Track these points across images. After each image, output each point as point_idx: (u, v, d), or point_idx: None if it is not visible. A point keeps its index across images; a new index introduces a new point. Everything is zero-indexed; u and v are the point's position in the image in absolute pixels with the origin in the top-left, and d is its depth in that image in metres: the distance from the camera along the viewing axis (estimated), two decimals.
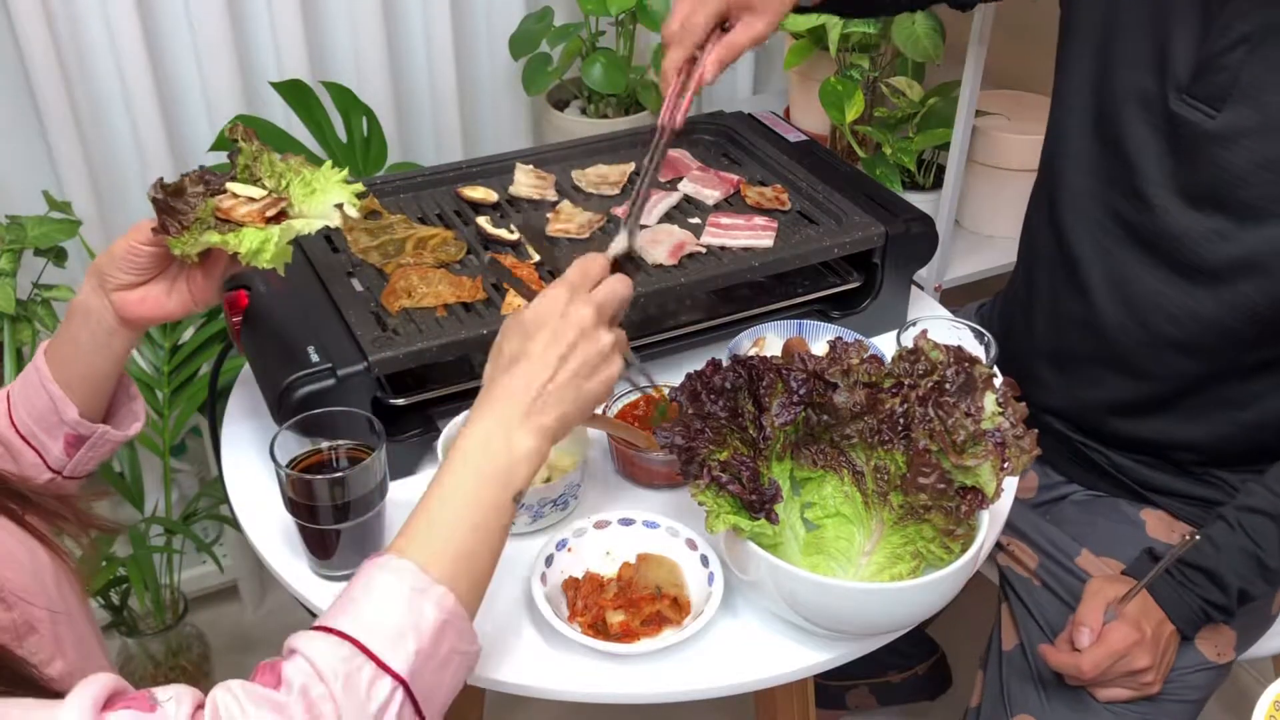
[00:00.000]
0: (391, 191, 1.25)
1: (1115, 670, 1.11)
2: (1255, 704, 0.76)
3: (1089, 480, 1.30)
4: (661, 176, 1.30)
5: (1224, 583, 1.09)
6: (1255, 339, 1.10)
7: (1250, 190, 1.04)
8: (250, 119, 1.63)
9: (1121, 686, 1.13)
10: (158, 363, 1.60)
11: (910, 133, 1.77)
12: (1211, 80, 1.04)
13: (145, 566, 1.57)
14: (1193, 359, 1.14)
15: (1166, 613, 1.12)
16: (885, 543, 0.91)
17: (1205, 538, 1.11)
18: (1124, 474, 1.26)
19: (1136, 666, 1.10)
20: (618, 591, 0.92)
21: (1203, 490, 1.22)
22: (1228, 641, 1.19)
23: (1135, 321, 1.16)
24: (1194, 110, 1.06)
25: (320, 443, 0.94)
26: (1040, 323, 1.28)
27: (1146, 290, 1.14)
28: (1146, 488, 1.25)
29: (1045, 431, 1.28)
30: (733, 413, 0.90)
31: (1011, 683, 1.22)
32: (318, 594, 0.94)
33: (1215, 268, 1.09)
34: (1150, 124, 1.10)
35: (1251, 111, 1.02)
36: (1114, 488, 1.28)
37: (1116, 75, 1.12)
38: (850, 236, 1.17)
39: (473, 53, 1.92)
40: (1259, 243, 1.05)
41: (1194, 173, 1.07)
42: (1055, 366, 1.27)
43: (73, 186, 1.63)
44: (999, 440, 0.87)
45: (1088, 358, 1.23)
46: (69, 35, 1.58)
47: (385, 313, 1.04)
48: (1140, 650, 1.10)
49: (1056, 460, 1.32)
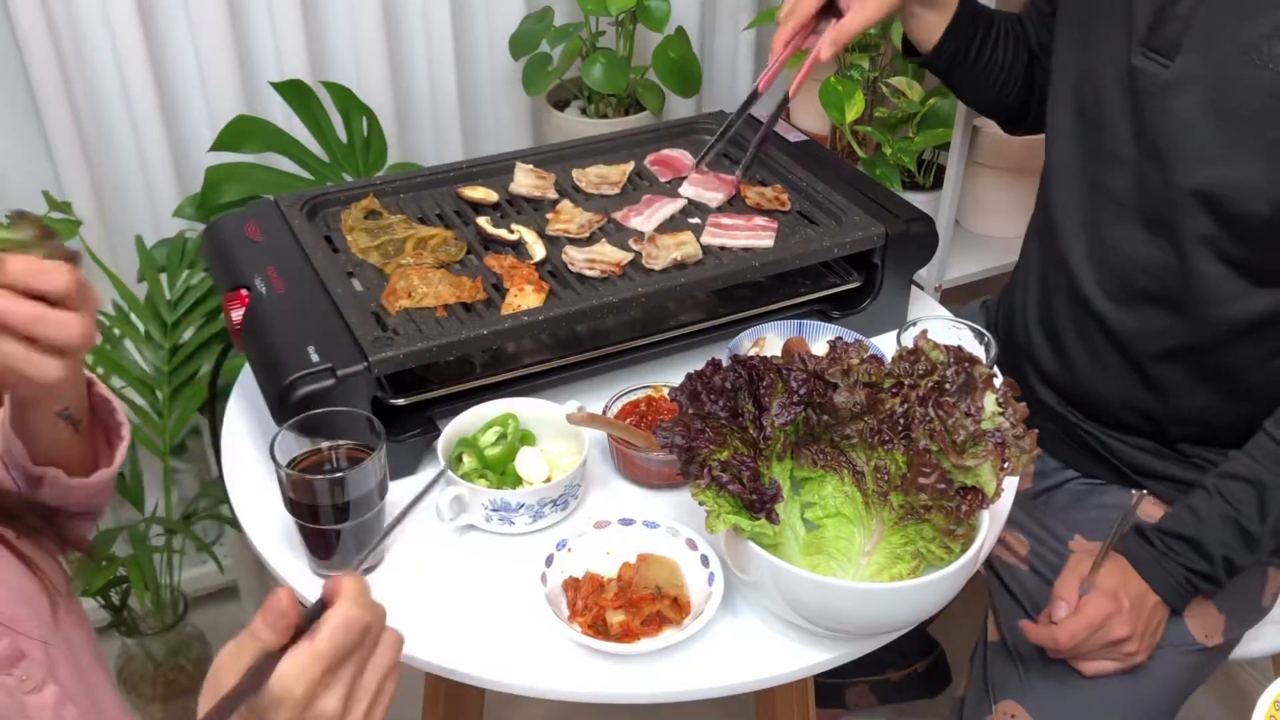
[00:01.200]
0: (391, 191, 1.25)
1: (1094, 641, 1.11)
2: (1255, 704, 0.76)
3: (1084, 465, 1.31)
4: (661, 177, 1.30)
5: (1206, 551, 1.09)
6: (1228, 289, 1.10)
7: (1195, 136, 1.06)
8: (250, 119, 1.63)
9: (1105, 659, 1.13)
10: (158, 363, 1.60)
11: (910, 133, 1.77)
12: (1165, 31, 1.06)
13: (145, 566, 1.57)
14: (1171, 317, 1.15)
15: (1150, 583, 1.12)
16: (885, 543, 0.91)
17: (1186, 507, 1.11)
18: (1116, 457, 1.27)
19: (1115, 636, 1.11)
20: (618, 591, 0.92)
21: (1195, 475, 1.22)
22: (1216, 625, 1.19)
23: (1115, 282, 1.17)
24: (1150, 61, 1.08)
25: (320, 443, 0.94)
26: (1031, 300, 1.30)
27: (1123, 249, 1.16)
28: (1138, 471, 1.26)
29: (1043, 413, 1.30)
30: (733, 413, 0.90)
31: (995, 670, 1.23)
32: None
33: (1175, 215, 1.10)
34: (1118, 83, 1.12)
35: (1200, 59, 1.04)
36: (1107, 472, 1.29)
37: (1092, 47, 1.15)
38: (850, 236, 1.17)
39: (473, 53, 1.92)
40: (1206, 182, 1.06)
41: (1151, 125, 1.09)
42: (1049, 342, 1.28)
43: (73, 186, 1.63)
44: (999, 440, 0.87)
45: (1075, 330, 1.24)
46: (69, 35, 1.58)
47: (385, 313, 1.04)
48: (1118, 620, 1.10)
49: (1053, 445, 1.32)
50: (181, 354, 1.61)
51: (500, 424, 1.03)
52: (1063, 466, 1.33)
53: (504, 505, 0.97)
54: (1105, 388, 1.24)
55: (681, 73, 1.88)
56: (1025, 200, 1.86)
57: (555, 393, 1.10)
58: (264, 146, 1.63)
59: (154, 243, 1.66)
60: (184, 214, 1.64)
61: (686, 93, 1.90)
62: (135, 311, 1.60)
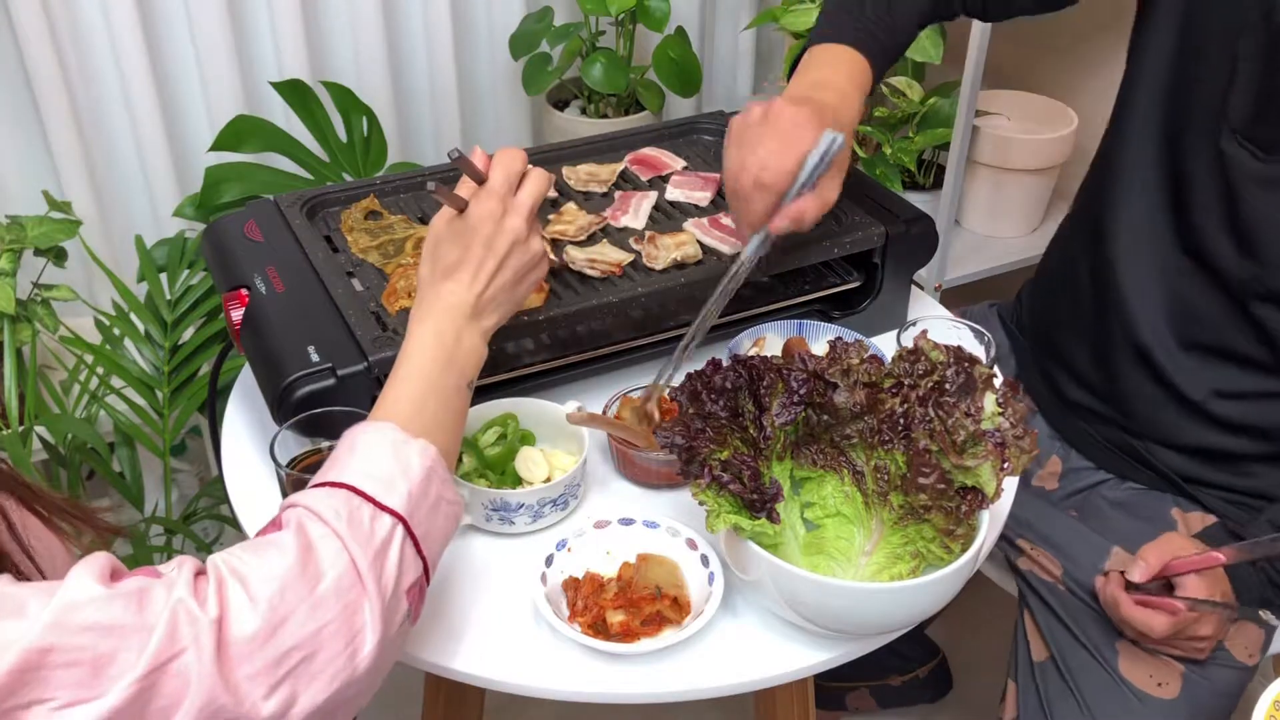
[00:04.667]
0: (391, 191, 1.25)
1: (1181, 635, 1.10)
2: (1255, 704, 0.76)
3: (1120, 468, 1.27)
4: (642, 175, 1.30)
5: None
6: None
7: None
8: (250, 119, 1.63)
9: (1179, 650, 1.13)
10: (158, 363, 1.60)
11: (910, 133, 1.77)
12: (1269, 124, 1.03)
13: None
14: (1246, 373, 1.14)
15: (1232, 584, 1.10)
16: (885, 543, 0.91)
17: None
18: (1162, 463, 1.23)
19: (1201, 634, 1.10)
20: (618, 591, 0.92)
21: (1249, 483, 1.19)
22: (1256, 642, 1.18)
23: (1182, 334, 1.16)
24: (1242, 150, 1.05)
25: (320, 443, 0.94)
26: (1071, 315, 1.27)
27: (1197, 308, 1.14)
28: (1188, 480, 1.22)
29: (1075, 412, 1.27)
30: (733, 412, 0.90)
31: (1051, 696, 1.19)
32: None
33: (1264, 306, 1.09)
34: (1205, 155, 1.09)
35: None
36: (1149, 478, 1.24)
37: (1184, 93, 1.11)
38: (850, 236, 1.17)
39: (473, 53, 1.93)
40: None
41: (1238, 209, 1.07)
42: (1095, 362, 1.25)
43: (73, 186, 1.63)
44: (999, 440, 0.86)
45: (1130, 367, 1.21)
46: (69, 35, 1.58)
47: (385, 313, 1.04)
48: (1207, 617, 1.09)
49: (1084, 445, 1.29)
50: (181, 354, 1.61)
51: (500, 424, 1.03)
52: (1094, 467, 1.29)
53: (504, 505, 0.97)
54: (1161, 415, 1.21)
55: (681, 73, 1.88)
56: (1025, 200, 1.86)
57: (555, 393, 1.10)
58: (264, 146, 1.63)
59: (154, 243, 1.66)
60: (184, 214, 1.64)
61: (686, 92, 1.91)
62: (135, 311, 1.60)
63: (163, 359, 1.60)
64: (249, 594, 0.65)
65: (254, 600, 0.65)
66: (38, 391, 1.52)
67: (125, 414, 1.58)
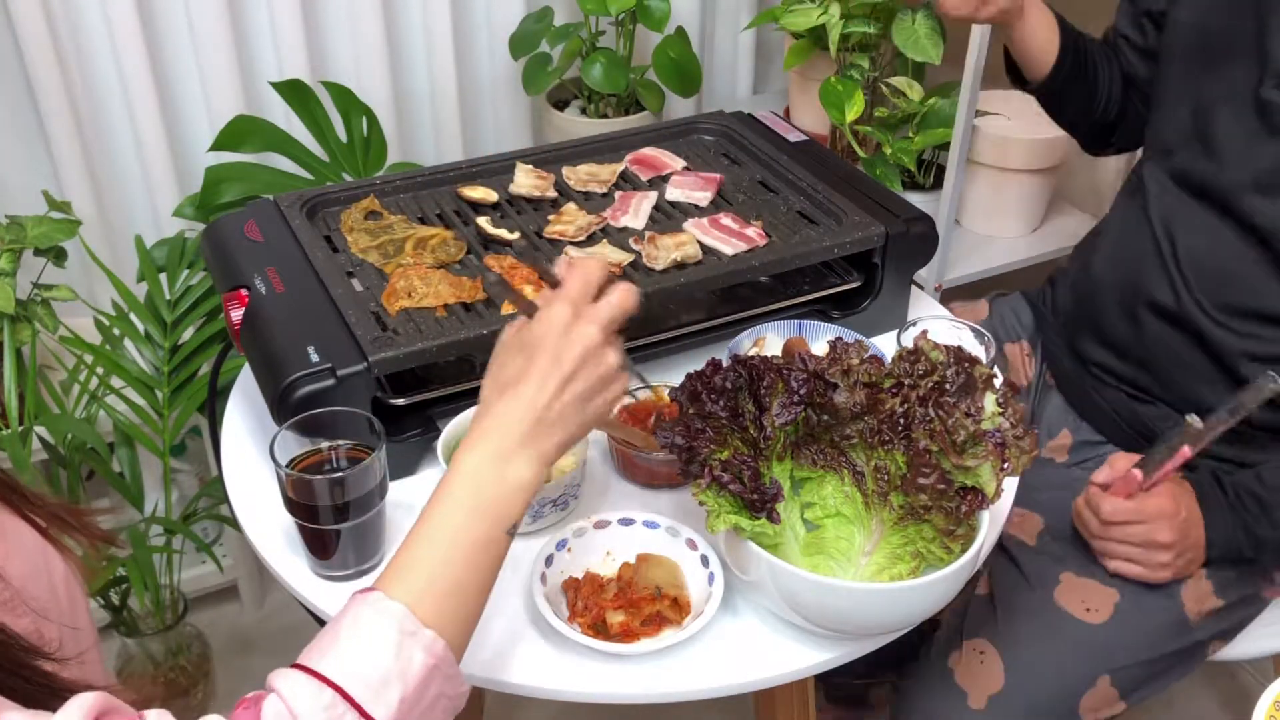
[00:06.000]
0: (391, 191, 1.25)
1: (1135, 533, 1.10)
2: (1255, 704, 0.76)
3: (1132, 444, 1.27)
4: (642, 175, 1.30)
5: (1275, 518, 1.09)
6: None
7: None
8: (250, 119, 1.63)
9: (1134, 559, 1.12)
10: (158, 363, 1.60)
11: (910, 133, 1.77)
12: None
13: (145, 566, 1.57)
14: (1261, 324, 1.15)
15: (1206, 522, 1.11)
16: (885, 543, 0.91)
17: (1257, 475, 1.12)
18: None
19: (1159, 539, 1.09)
20: (618, 592, 0.92)
21: (1256, 455, 1.19)
22: (1206, 602, 1.18)
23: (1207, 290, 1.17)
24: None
25: (320, 443, 0.94)
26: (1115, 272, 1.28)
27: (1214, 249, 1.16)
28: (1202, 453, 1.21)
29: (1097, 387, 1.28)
30: (733, 412, 0.90)
31: (973, 615, 1.20)
32: (318, 594, 0.94)
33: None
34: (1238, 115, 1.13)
35: None
36: None
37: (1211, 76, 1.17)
38: (850, 236, 1.17)
39: (473, 53, 1.93)
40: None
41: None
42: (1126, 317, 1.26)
43: (73, 186, 1.63)
44: (999, 440, 0.87)
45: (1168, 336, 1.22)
46: (69, 35, 1.58)
47: (385, 313, 1.04)
48: (1169, 524, 1.09)
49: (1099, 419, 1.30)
50: (181, 354, 1.61)
51: None
52: (1104, 441, 1.31)
53: None
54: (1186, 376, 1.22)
55: (681, 72, 1.88)
56: (1025, 200, 1.86)
57: None
58: (264, 146, 1.63)
59: (154, 243, 1.66)
60: (184, 214, 1.64)
61: (686, 92, 1.91)
62: (135, 311, 1.60)
63: (162, 359, 1.60)
64: None
65: None
66: (37, 391, 1.52)
67: (125, 414, 1.58)
